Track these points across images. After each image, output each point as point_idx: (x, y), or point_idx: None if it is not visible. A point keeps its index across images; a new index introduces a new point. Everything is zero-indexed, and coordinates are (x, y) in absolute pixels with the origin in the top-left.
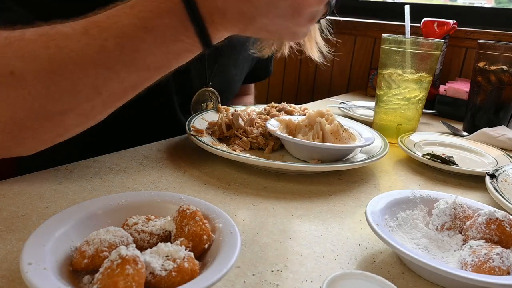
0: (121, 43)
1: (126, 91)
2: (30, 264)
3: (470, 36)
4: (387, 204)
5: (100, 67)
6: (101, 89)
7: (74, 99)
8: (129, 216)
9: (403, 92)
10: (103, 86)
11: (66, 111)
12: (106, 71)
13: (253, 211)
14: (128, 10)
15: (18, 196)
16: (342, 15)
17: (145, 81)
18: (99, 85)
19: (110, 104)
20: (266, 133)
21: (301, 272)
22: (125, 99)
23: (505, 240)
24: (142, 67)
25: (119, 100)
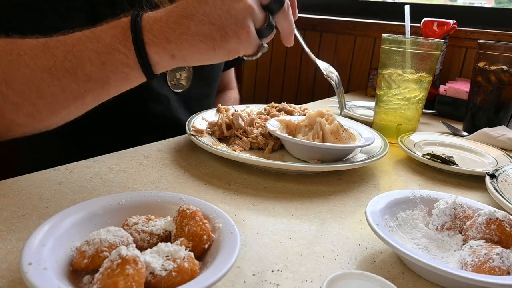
0: (67, 50)
1: (68, 100)
2: (30, 264)
3: (470, 36)
4: (387, 204)
5: (46, 72)
6: (45, 94)
7: (21, 100)
8: (129, 216)
9: (403, 92)
10: (47, 91)
11: (15, 110)
12: (50, 77)
13: (253, 211)
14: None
15: (18, 196)
16: (342, 15)
17: (86, 93)
18: (43, 90)
19: (55, 110)
20: (266, 133)
21: (301, 272)
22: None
23: (505, 240)
24: (81, 77)
25: (63, 108)
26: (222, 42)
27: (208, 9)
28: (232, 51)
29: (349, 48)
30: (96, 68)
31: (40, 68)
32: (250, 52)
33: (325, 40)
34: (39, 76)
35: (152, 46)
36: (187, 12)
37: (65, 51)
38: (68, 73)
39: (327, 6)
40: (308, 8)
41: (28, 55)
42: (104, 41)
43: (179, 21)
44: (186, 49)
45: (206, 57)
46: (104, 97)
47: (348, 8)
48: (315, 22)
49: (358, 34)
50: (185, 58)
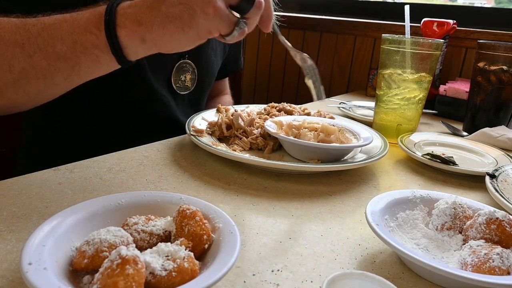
0: (42, 28)
1: (37, 78)
2: (30, 264)
3: (470, 36)
4: (387, 204)
5: (18, 47)
6: (14, 69)
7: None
8: (129, 216)
9: (403, 92)
10: (16, 66)
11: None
12: (22, 52)
13: (253, 211)
14: (71, 11)
15: (18, 196)
16: (342, 15)
17: (56, 72)
18: (13, 64)
19: (23, 87)
20: (265, 133)
21: (301, 272)
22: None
23: (505, 240)
24: (52, 55)
25: (31, 85)
26: (190, 21)
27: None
28: (202, 29)
29: (349, 48)
30: (66, 47)
31: (13, 42)
32: (224, 30)
33: (325, 40)
34: (11, 50)
35: (123, 28)
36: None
37: (40, 29)
38: (39, 49)
39: (327, 6)
40: (308, 8)
41: (4, 29)
42: (78, 23)
43: (151, 5)
44: (156, 31)
45: (176, 39)
46: (74, 79)
47: (348, 8)
48: (315, 22)
49: (358, 34)
50: (156, 42)
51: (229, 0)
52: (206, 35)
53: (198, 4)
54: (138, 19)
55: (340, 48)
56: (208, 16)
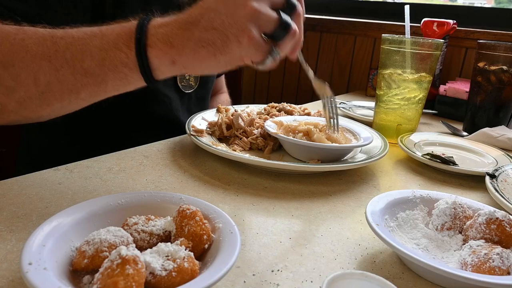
0: (71, 42)
1: (63, 92)
2: (30, 264)
3: (470, 36)
4: (387, 204)
5: (45, 60)
6: (40, 82)
7: (15, 84)
8: (129, 216)
9: (403, 92)
10: (43, 80)
11: (7, 95)
12: (49, 66)
13: (253, 211)
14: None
15: (18, 196)
16: (342, 15)
17: (82, 87)
18: (39, 77)
19: (48, 101)
20: (265, 134)
21: (301, 272)
22: (64, 102)
23: (505, 240)
24: (79, 70)
25: (56, 100)
26: (223, 48)
27: (213, 15)
28: (234, 57)
29: (349, 48)
30: (95, 63)
31: (40, 55)
32: (257, 58)
33: (325, 40)
34: (38, 63)
35: (154, 49)
36: (193, 18)
37: (68, 43)
38: (67, 64)
39: (327, 6)
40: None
41: (32, 40)
42: (108, 39)
43: (184, 26)
44: (188, 55)
45: (207, 64)
46: (100, 95)
47: (348, 8)
48: (315, 22)
49: (358, 34)
50: (186, 65)
51: (264, 28)
52: (238, 63)
53: (232, 32)
54: (170, 41)
55: (340, 48)
56: (242, 44)
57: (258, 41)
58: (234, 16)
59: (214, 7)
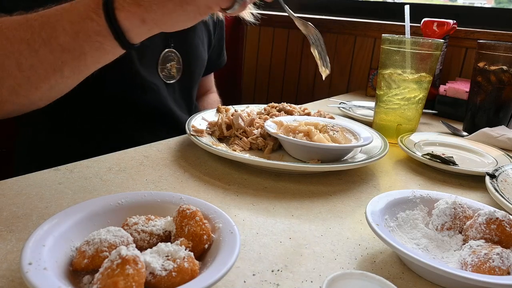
0: (44, 21)
1: (47, 72)
2: (30, 264)
3: (470, 36)
4: (387, 204)
5: (24, 43)
6: (23, 66)
7: (2, 73)
8: (129, 216)
9: (403, 92)
10: (25, 63)
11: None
12: (28, 49)
13: (253, 211)
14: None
15: (18, 196)
16: (342, 15)
17: (63, 64)
18: (22, 62)
19: (36, 84)
20: (265, 134)
21: (301, 272)
22: (51, 82)
23: (505, 240)
24: (56, 47)
25: (42, 81)
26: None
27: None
28: (201, 5)
29: (349, 48)
30: (69, 37)
31: (18, 39)
32: (224, 3)
33: (325, 40)
34: (17, 47)
35: (122, 11)
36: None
37: (42, 22)
38: (44, 44)
39: (327, 6)
40: (308, 8)
41: (8, 28)
42: (78, 11)
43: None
44: (156, 11)
45: (176, 18)
46: (82, 70)
47: (348, 8)
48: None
49: (358, 34)
50: (157, 22)
51: None
52: (206, 11)
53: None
54: (136, 1)
55: (340, 48)
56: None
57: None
58: None
59: None
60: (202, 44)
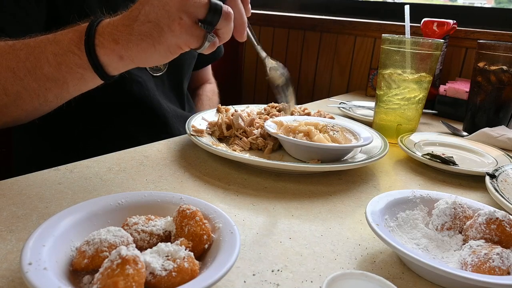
0: (29, 52)
1: (32, 98)
2: (30, 264)
3: (470, 36)
4: (387, 204)
5: (10, 72)
6: (9, 92)
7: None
8: (129, 216)
9: (403, 92)
10: (11, 89)
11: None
12: (13, 77)
13: (253, 211)
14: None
15: (18, 196)
16: (342, 15)
17: (47, 91)
18: (8, 88)
19: (21, 106)
20: (265, 134)
21: (301, 272)
22: (35, 105)
23: (505, 240)
24: (40, 77)
25: (27, 105)
26: (159, 38)
27: (148, 9)
28: (172, 45)
29: (349, 48)
30: (53, 68)
31: (5, 68)
32: (193, 44)
33: (325, 40)
34: (3, 75)
35: (102, 48)
36: (133, 14)
37: (27, 53)
38: (29, 73)
39: (327, 6)
40: (308, 8)
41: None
42: (62, 44)
43: (126, 22)
44: (132, 49)
45: (150, 56)
46: (65, 96)
47: (348, 8)
48: (315, 22)
49: (358, 34)
50: (133, 59)
51: (195, 14)
52: (177, 50)
53: (164, 22)
54: (115, 38)
55: (340, 48)
56: (174, 33)
57: (190, 27)
58: (165, 7)
59: (150, 1)
60: None
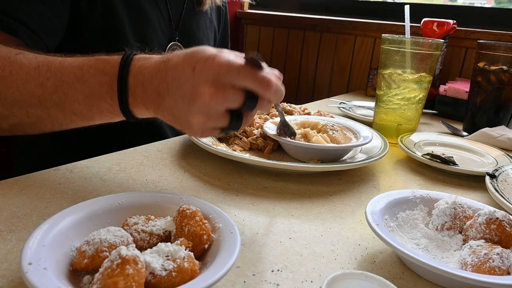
0: (57, 85)
1: (53, 125)
2: (30, 264)
3: (470, 36)
4: (387, 204)
5: (35, 98)
6: (32, 115)
7: (9, 114)
8: (129, 216)
9: (403, 92)
10: (34, 114)
11: (2, 119)
12: (39, 104)
13: (253, 211)
14: (79, 60)
15: (18, 196)
16: (342, 15)
17: (71, 122)
18: (31, 112)
19: (38, 128)
20: (265, 134)
21: (301, 272)
22: (54, 129)
23: (505, 240)
24: (68, 111)
25: (47, 128)
26: (182, 127)
27: (171, 103)
28: (193, 133)
29: (349, 48)
30: (83, 107)
31: (30, 93)
32: (211, 134)
33: (325, 40)
34: (28, 100)
35: (135, 107)
36: (162, 90)
37: (55, 85)
38: (56, 105)
39: (327, 6)
40: (308, 8)
41: (19, 77)
42: (91, 87)
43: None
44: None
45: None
46: (86, 126)
47: (348, 8)
48: (315, 22)
49: (358, 34)
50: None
51: (228, 105)
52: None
53: (183, 125)
54: (146, 105)
55: (340, 48)
56: (193, 129)
57: (206, 130)
58: (186, 115)
59: (173, 92)
60: (206, 39)
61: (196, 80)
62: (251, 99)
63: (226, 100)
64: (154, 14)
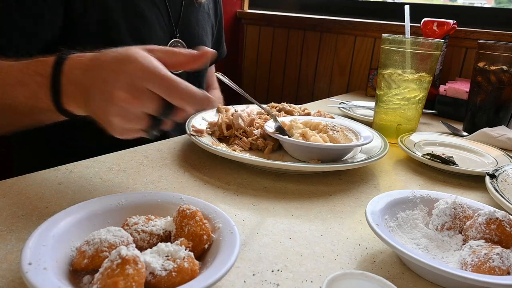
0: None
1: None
2: (30, 264)
3: (470, 36)
4: (387, 204)
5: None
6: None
7: None
8: (129, 216)
9: (403, 92)
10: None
11: None
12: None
13: (253, 211)
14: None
15: (18, 196)
16: (342, 15)
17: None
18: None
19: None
20: (265, 134)
21: (301, 272)
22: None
23: (505, 240)
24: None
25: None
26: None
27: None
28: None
29: (349, 48)
30: (27, 109)
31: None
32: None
33: (325, 40)
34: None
35: (69, 106)
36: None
37: (2, 90)
38: (9, 108)
39: (327, 6)
40: (308, 8)
41: None
42: (31, 88)
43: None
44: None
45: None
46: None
47: (348, 8)
48: (315, 22)
49: (358, 34)
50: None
51: (144, 109)
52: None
53: (105, 123)
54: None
55: (340, 48)
56: (114, 127)
57: (126, 130)
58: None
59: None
60: (205, 35)
61: (114, 83)
62: (167, 105)
63: (141, 105)
64: (152, 12)
